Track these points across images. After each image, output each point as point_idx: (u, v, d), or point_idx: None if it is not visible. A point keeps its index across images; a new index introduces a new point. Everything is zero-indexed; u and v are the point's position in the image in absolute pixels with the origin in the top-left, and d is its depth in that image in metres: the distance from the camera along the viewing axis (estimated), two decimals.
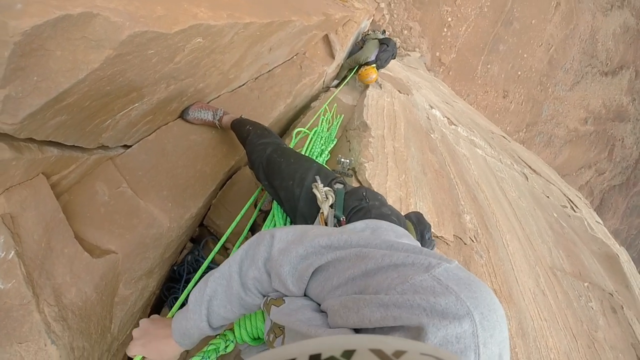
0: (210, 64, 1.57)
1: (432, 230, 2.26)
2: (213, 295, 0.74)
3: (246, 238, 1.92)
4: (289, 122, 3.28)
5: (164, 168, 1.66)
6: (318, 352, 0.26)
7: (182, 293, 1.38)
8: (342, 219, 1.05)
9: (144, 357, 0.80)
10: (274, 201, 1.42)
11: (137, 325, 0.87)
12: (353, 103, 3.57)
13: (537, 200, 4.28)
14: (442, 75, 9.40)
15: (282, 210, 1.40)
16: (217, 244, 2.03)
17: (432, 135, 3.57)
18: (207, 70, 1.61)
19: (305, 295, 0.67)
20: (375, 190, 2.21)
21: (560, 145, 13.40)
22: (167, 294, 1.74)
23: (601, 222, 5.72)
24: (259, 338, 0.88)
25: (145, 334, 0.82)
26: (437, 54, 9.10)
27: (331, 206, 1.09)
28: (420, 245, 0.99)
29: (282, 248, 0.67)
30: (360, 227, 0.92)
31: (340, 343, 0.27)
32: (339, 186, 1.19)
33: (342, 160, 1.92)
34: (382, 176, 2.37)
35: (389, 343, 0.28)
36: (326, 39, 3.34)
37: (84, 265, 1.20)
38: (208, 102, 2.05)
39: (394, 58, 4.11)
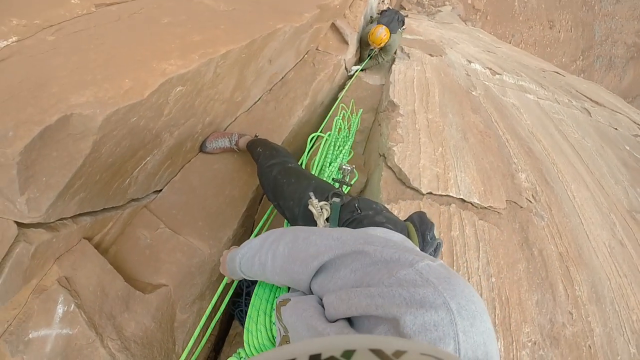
0: (206, 101, 1.76)
1: (478, 201, 2.21)
2: (252, 247, 0.98)
3: None
4: (320, 119, 3.39)
5: (195, 202, 1.90)
6: (318, 352, 0.27)
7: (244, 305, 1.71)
8: None
9: None
10: (285, 220, 1.54)
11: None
12: (381, 82, 3.54)
13: (604, 135, 3.87)
14: (480, 22, 8.75)
15: None
16: None
17: (473, 93, 3.39)
18: (206, 106, 1.80)
19: (310, 288, 0.79)
20: (407, 173, 2.24)
21: (623, 65, 11.74)
22: (234, 308, 2.01)
23: None
24: None
25: (223, 259, 1.18)
26: (469, 1, 8.44)
27: (327, 220, 1.18)
28: (418, 248, 1.06)
29: (305, 237, 0.81)
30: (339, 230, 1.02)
31: (340, 343, 0.28)
32: (335, 200, 1.26)
33: (344, 167, 1.97)
34: (414, 156, 2.37)
35: (389, 343, 0.29)
36: (334, 27, 3.36)
37: (138, 301, 1.49)
38: (225, 128, 2.26)
39: (403, 22, 3.98)
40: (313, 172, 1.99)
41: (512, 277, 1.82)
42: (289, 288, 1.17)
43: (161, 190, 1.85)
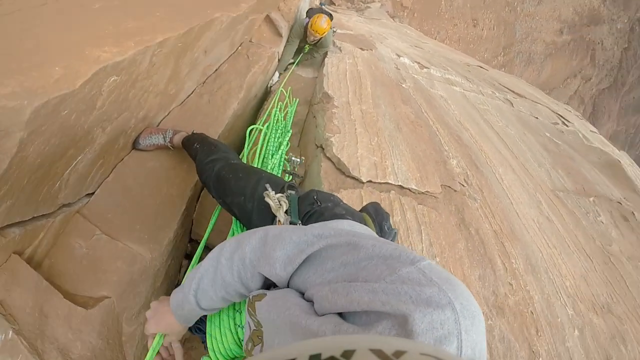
0: (140, 92, 1.64)
1: (415, 187, 2.35)
2: (204, 273, 0.84)
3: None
4: (254, 111, 3.33)
5: (131, 203, 1.76)
6: (318, 352, 0.27)
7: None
8: (298, 224, 1.12)
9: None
10: (233, 218, 1.48)
11: None
12: (314, 75, 3.58)
13: (525, 124, 4.30)
14: (407, 19, 9.33)
15: (240, 226, 1.46)
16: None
17: (403, 86, 3.59)
18: (140, 98, 1.67)
19: (288, 285, 0.76)
20: (346, 162, 2.30)
21: (542, 61, 13.57)
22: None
23: (596, 130, 5.69)
24: (235, 358, 1.00)
25: (155, 313, 0.95)
26: None
27: (286, 212, 1.15)
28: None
29: (276, 234, 0.76)
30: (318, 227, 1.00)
31: (340, 343, 0.29)
32: (291, 192, 1.24)
33: (293, 158, 1.93)
34: (351, 146, 2.43)
35: (389, 343, 0.29)
36: (269, 19, 3.31)
37: (81, 318, 1.34)
38: (158, 123, 2.12)
39: (331, 17, 3.93)
40: (255, 166, 1.95)
41: (454, 255, 1.98)
42: None
43: (94, 192, 1.68)
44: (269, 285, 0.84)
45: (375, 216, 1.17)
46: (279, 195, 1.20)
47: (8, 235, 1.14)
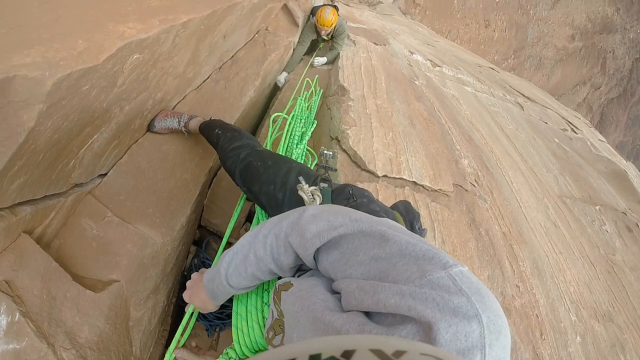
0: (160, 73, 1.56)
1: (429, 184, 2.29)
2: (239, 249, 0.83)
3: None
4: (267, 100, 3.25)
5: (144, 186, 1.69)
6: (318, 352, 0.27)
7: None
8: None
9: None
10: (257, 206, 1.41)
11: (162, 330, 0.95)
12: (329, 67, 3.49)
13: (535, 128, 4.22)
14: (419, 16, 9.17)
15: (266, 216, 1.39)
16: (218, 241, 2.10)
17: (416, 82, 3.49)
18: (159, 79, 1.60)
19: (317, 267, 0.73)
20: (362, 156, 2.23)
21: (552, 66, 13.32)
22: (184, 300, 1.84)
23: (604, 139, 5.60)
24: (259, 350, 0.95)
25: (193, 285, 0.95)
26: None
27: None
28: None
29: (315, 213, 0.73)
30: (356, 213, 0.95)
31: (340, 343, 0.29)
32: (324, 185, 1.19)
33: (325, 152, 1.82)
34: (367, 140, 2.37)
35: (389, 343, 0.29)
36: (286, 9, 3.21)
37: (90, 302, 1.28)
38: (174, 107, 2.04)
39: (335, 6, 3.80)
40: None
41: (465, 254, 1.92)
42: None
43: (106, 173, 1.60)
44: (299, 266, 0.82)
45: (406, 215, 1.12)
46: (312, 188, 1.14)
47: (19, 214, 1.07)
